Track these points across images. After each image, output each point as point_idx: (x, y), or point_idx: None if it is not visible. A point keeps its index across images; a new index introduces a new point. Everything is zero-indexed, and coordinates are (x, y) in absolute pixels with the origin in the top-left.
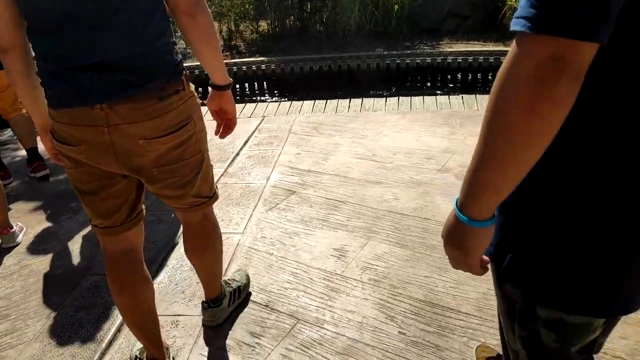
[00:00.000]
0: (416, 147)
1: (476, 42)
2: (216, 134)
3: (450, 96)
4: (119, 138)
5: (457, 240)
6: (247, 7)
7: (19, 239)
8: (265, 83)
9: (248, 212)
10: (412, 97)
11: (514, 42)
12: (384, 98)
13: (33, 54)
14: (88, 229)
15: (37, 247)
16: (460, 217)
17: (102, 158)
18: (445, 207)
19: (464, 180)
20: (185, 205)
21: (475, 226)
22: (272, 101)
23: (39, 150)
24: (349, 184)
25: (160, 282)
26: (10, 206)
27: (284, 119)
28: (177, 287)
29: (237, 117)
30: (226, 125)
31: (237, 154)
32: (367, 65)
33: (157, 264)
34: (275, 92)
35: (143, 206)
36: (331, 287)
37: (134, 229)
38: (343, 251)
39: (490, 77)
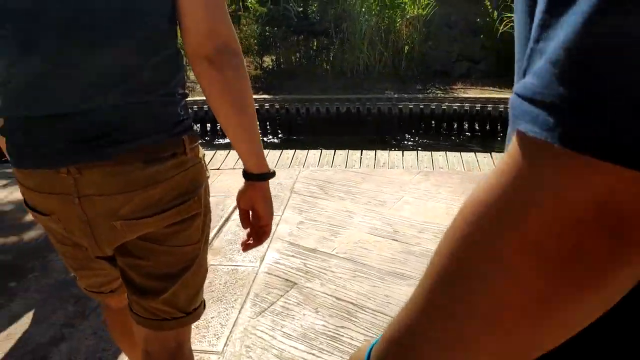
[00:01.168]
0: (446, 224)
1: (491, 88)
2: (242, 245)
3: (477, 154)
4: (94, 214)
5: None
6: (251, 41)
7: None
8: (267, 124)
9: (232, 316)
10: (433, 153)
11: (515, 153)
12: (401, 152)
13: None
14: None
15: None
16: None
17: (80, 234)
18: None
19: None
20: (146, 314)
21: None
22: (273, 147)
23: None
24: (366, 275)
25: None
26: None
27: (285, 174)
28: None
29: (271, 220)
30: (256, 233)
31: (227, 219)
32: (377, 109)
33: None
34: (278, 134)
35: None
36: None
37: None
38: None
39: None
